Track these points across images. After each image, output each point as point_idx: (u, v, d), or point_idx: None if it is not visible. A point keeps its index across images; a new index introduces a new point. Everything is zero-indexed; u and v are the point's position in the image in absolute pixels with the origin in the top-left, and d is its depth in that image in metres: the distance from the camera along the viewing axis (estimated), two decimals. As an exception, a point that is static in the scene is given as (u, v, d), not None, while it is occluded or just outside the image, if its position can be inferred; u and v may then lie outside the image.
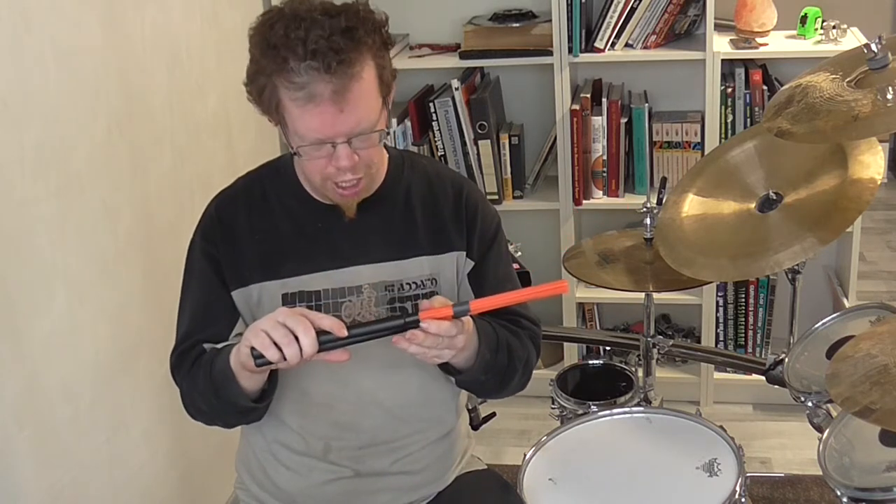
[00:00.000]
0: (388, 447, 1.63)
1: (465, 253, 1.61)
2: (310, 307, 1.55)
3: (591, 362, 2.53)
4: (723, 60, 2.79)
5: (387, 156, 1.61)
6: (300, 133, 1.41)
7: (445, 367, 1.54)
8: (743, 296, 3.03)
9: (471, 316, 1.44)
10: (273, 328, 1.35)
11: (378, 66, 1.42)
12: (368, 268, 1.57)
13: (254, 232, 1.57)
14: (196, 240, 1.61)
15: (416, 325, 1.37)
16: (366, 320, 1.52)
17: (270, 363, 1.37)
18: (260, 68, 1.41)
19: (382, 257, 1.57)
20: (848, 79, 1.82)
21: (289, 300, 1.55)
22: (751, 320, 3.06)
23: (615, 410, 2.01)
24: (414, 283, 1.58)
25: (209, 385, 1.50)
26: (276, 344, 1.34)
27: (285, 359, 1.35)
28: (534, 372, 1.67)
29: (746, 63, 2.85)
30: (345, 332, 1.36)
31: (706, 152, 2.78)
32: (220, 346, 1.53)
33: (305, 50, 1.34)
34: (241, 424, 1.63)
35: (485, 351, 1.52)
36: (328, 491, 1.64)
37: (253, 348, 1.36)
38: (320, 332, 1.36)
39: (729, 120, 2.85)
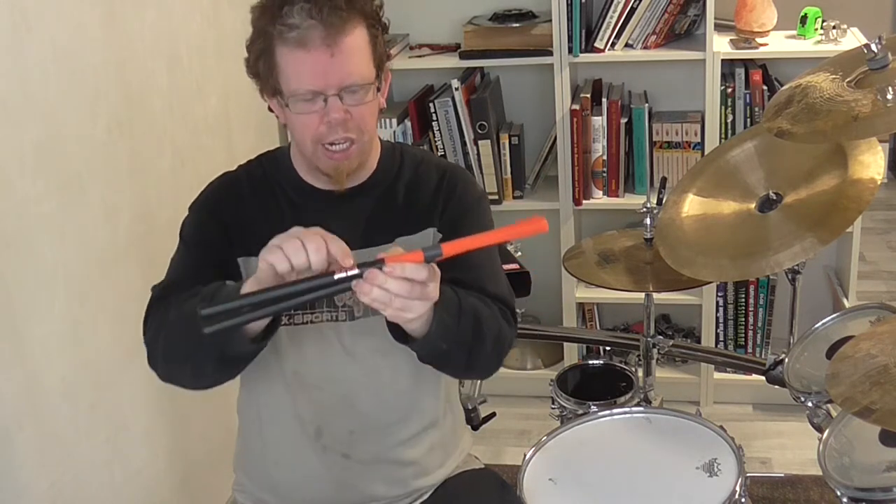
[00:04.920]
0: (378, 433, 1.64)
1: (437, 228, 1.60)
2: None
3: (591, 362, 2.52)
4: (723, 60, 2.79)
5: (380, 145, 1.64)
6: (293, 87, 1.44)
7: (401, 338, 1.44)
8: (743, 296, 3.03)
9: None
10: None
11: (371, 34, 1.48)
12: (358, 253, 1.56)
13: (257, 209, 1.58)
14: (199, 207, 1.61)
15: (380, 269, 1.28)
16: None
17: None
18: (257, 29, 1.46)
19: (369, 242, 1.57)
20: (848, 79, 1.82)
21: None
22: (751, 320, 3.06)
23: (615, 410, 2.01)
24: None
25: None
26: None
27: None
28: (534, 372, 1.66)
29: (746, 63, 2.85)
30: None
31: (706, 152, 2.78)
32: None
33: None
34: (213, 373, 1.50)
35: (444, 315, 1.41)
36: (322, 479, 1.64)
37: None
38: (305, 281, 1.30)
39: (729, 120, 2.85)
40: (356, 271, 1.28)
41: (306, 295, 1.29)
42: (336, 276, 1.28)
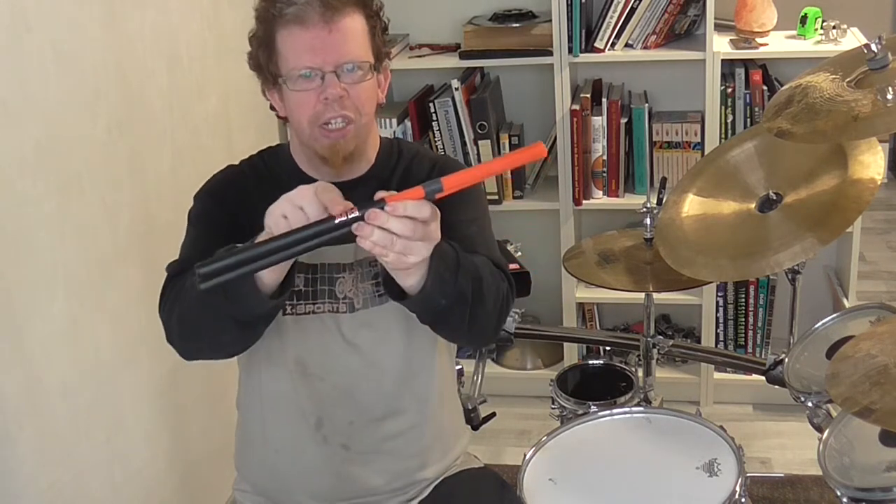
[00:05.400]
0: (377, 424, 1.65)
1: None
2: (307, 279, 1.58)
3: (591, 362, 2.53)
4: (723, 60, 2.79)
5: (379, 140, 1.64)
6: (291, 64, 1.47)
7: (397, 295, 1.42)
8: (743, 296, 3.03)
9: None
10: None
11: (369, 24, 1.51)
12: (355, 245, 1.56)
13: (260, 201, 1.57)
14: (204, 194, 1.62)
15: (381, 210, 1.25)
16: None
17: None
18: (259, 19, 1.50)
19: None
20: (848, 79, 1.82)
21: (290, 270, 1.51)
22: (751, 320, 3.06)
23: (615, 410, 2.01)
24: None
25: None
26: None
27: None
28: (534, 372, 1.66)
29: (746, 63, 2.85)
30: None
31: (706, 152, 2.78)
32: None
33: None
34: (233, 341, 1.51)
35: (441, 269, 1.38)
36: (322, 471, 1.65)
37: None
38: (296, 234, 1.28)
39: (729, 120, 2.85)
40: (356, 213, 1.26)
41: (307, 242, 1.27)
42: (337, 220, 1.27)
